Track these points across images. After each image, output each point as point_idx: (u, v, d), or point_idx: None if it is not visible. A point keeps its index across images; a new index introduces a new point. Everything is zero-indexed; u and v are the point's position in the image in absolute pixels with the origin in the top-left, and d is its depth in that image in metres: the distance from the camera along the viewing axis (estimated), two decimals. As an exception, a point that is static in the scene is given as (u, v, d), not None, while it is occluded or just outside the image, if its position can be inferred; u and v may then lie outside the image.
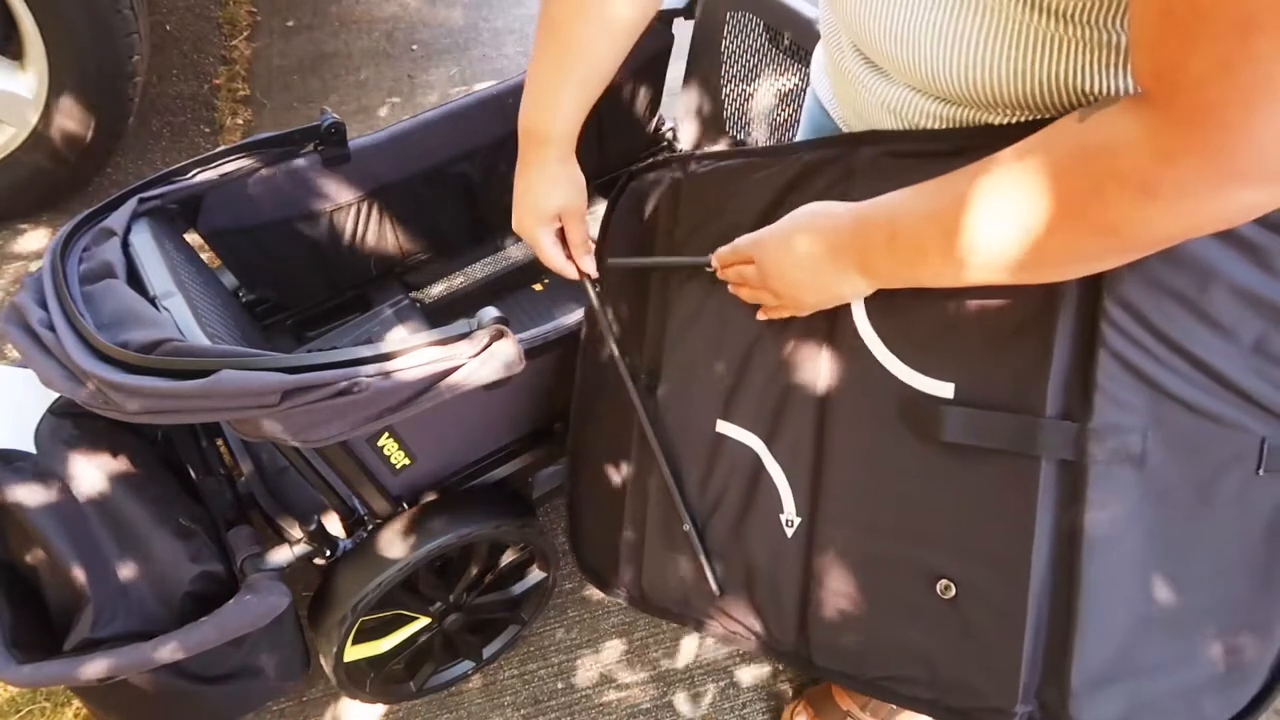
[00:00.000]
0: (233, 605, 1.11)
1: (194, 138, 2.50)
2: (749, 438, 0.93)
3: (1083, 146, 0.56)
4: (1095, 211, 0.56)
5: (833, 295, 0.79)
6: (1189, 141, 0.50)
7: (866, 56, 0.79)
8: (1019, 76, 0.66)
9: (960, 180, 0.64)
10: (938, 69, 0.69)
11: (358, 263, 1.63)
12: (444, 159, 1.61)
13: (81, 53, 1.94)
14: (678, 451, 1.00)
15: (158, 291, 1.10)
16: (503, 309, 1.06)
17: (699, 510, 0.99)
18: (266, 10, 2.97)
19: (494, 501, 1.34)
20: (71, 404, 1.18)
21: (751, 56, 1.69)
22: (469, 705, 1.50)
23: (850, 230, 0.74)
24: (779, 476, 0.91)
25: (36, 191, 2.16)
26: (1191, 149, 0.50)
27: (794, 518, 0.90)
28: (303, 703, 1.49)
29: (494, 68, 2.78)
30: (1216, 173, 0.50)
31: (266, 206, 1.45)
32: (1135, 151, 0.52)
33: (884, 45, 0.73)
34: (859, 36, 0.77)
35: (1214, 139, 0.49)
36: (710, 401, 0.97)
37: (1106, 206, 0.55)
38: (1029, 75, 0.66)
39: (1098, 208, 0.55)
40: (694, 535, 0.98)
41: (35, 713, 1.44)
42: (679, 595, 1.02)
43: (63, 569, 1.09)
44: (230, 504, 1.31)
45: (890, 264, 0.72)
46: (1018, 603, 0.75)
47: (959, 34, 0.66)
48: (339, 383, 0.93)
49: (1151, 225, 0.55)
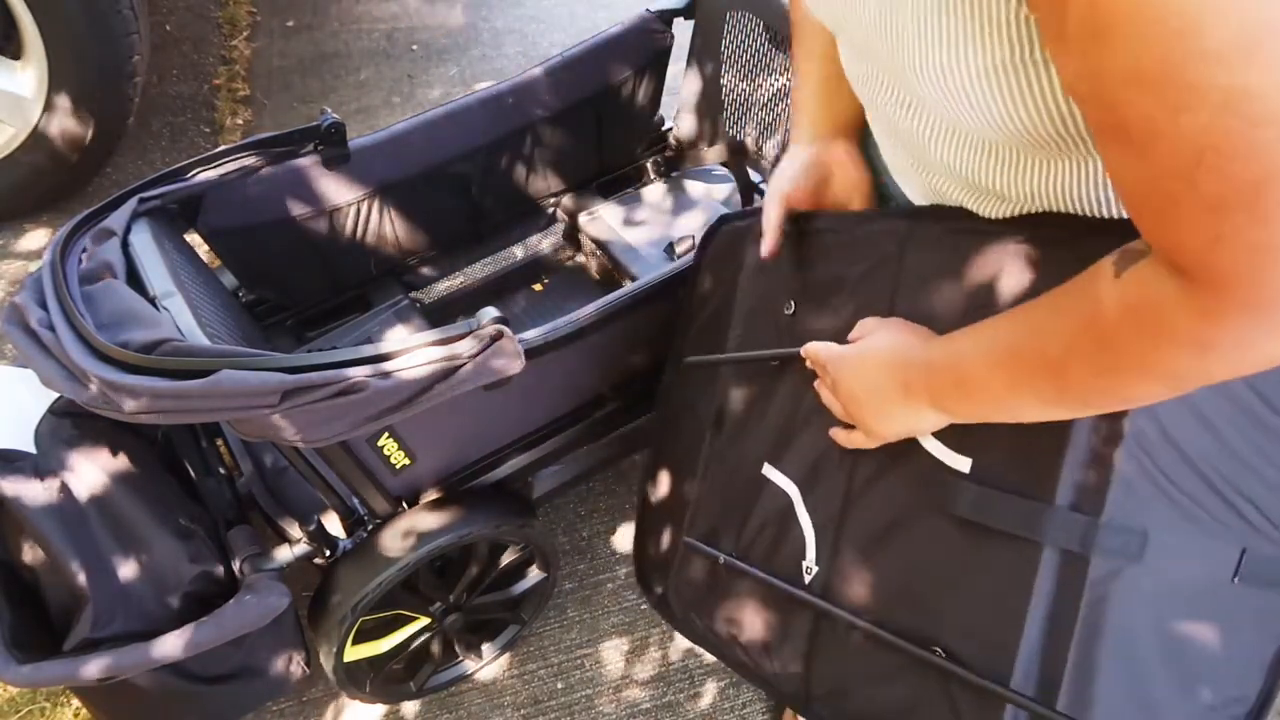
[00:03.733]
0: (233, 605, 1.11)
1: (194, 138, 2.50)
2: (788, 484, 0.96)
3: (1129, 307, 0.55)
4: (1156, 363, 0.56)
5: (908, 428, 0.80)
6: (1227, 302, 0.49)
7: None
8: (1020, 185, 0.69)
9: (1017, 330, 0.65)
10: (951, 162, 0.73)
11: (358, 263, 1.63)
12: (444, 159, 1.61)
13: (81, 53, 1.94)
14: (727, 484, 1.05)
15: (158, 291, 1.10)
16: (503, 309, 1.06)
17: (738, 544, 1.02)
18: (266, 10, 2.97)
19: (494, 501, 1.34)
20: (71, 404, 1.18)
21: (751, 56, 1.69)
22: (469, 705, 1.50)
23: (921, 370, 0.75)
24: (806, 524, 0.94)
25: (36, 191, 2.16)
26: (1232, 307, 0.49)
27: (813, 565, 0.92)
28: (303, 703, 1.49)
29: (494, 68, 2.78)
30: (1265, 321, 0.49)
31: (266, 206, 1.45)
32: (1180, 312, 0.52)
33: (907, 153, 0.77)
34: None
35: (1250, 296, 0.48)
36: (762, 447, 1.01)
37: (1166, 359, 0.55)
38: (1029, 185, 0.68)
39: (1158, 360, 0.55)
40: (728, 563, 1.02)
41: (35, 713, 1.44)
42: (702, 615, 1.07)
43: (63, 569, 1.09)
44: (230, 504, 1.31)
45: (962, 406, 0.73)
46: (1001, 681, 0.76)
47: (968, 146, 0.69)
48: (339, 383, 0.93)
49: (1214, 372, 0.55)
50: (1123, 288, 0.56)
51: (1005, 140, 0.63)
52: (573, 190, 1.85)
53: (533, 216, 1.84)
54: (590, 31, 1.73)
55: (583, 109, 1.72)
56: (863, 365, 0.80)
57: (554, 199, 1.84)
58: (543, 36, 2.90)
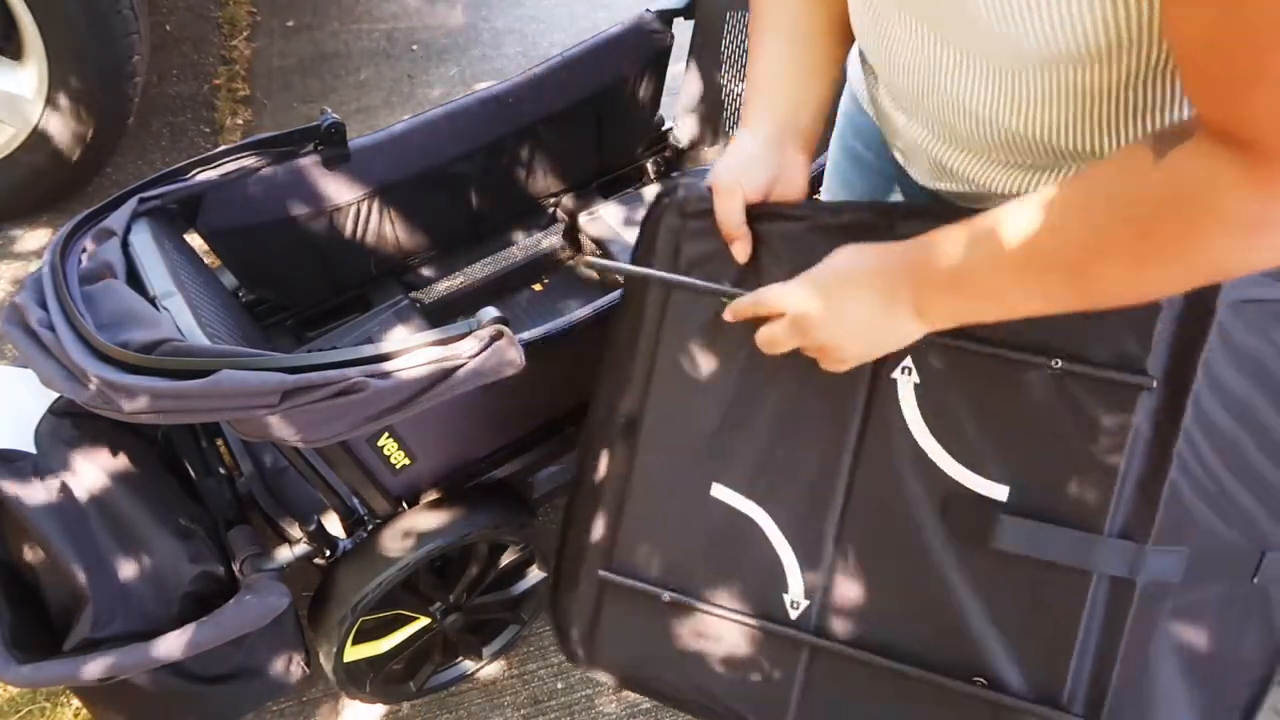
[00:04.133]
0: (232, 605, 1.11)
1: (194, 138, 2.50)
2: (750, 507, 0.87)
3: (1174, 190, 0.54)
4: (1197, 250, 0.54)
5: (881, 344, 0.74)
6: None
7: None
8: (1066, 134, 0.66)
9: (1033, 225, 0.61)
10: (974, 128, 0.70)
11: (358, 263, 1.63)
12: (444, 159, 1.61)
13: (81, 53, 1.94)
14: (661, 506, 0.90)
15: (158, 291, 1.10)
16: (503, 309, 1.06)
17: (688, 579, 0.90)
18: (266, 10, 2.97)
19: (494, 501, 1.34)
20: (71, 404, 1.18)
21: (751, 56, 1.69)
22: (469, 705, 1.50)
23: (902, 271, 0.69)
24: (785, 553, 0.86)
25: (36, 191, 2.16)
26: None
27: (800, 599, 0.85)
28: (303, 703, 1.49)
29: (494, 68, 2.78)
30: None
31: (266, 206, 1.45)
32: (1234, 191, 0.51)
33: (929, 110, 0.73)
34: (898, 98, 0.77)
35: None
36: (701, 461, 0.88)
37: (1211, 244, 0.53)
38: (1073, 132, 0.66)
39: (1201, 246, 0.54)
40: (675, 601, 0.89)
41: (35, 713, 1.44)
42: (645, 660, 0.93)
43: (63, 569, 1.09)
44: (230, 504, 1.31)
45: (951, 303, 0.68)
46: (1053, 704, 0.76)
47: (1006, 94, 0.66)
48: (339, 383, 0.93)
49: (1256, 259, 0.54)
50: (1165, 171, 0.54)
51: (1051, 63, 0.59)
52: (573, 190, 1.85)
53: (533, 216, 1.84)
54: (590, 31, 1.73)
55: (583, 109, 1.72)
56: (826, 288, 0.73)
57: (554, 199, 1.84)
58: (543, 36, 2.90)
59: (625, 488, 0.91)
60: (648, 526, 0.91)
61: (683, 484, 0.89)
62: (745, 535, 0.87)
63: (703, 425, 0.88)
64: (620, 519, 0.92)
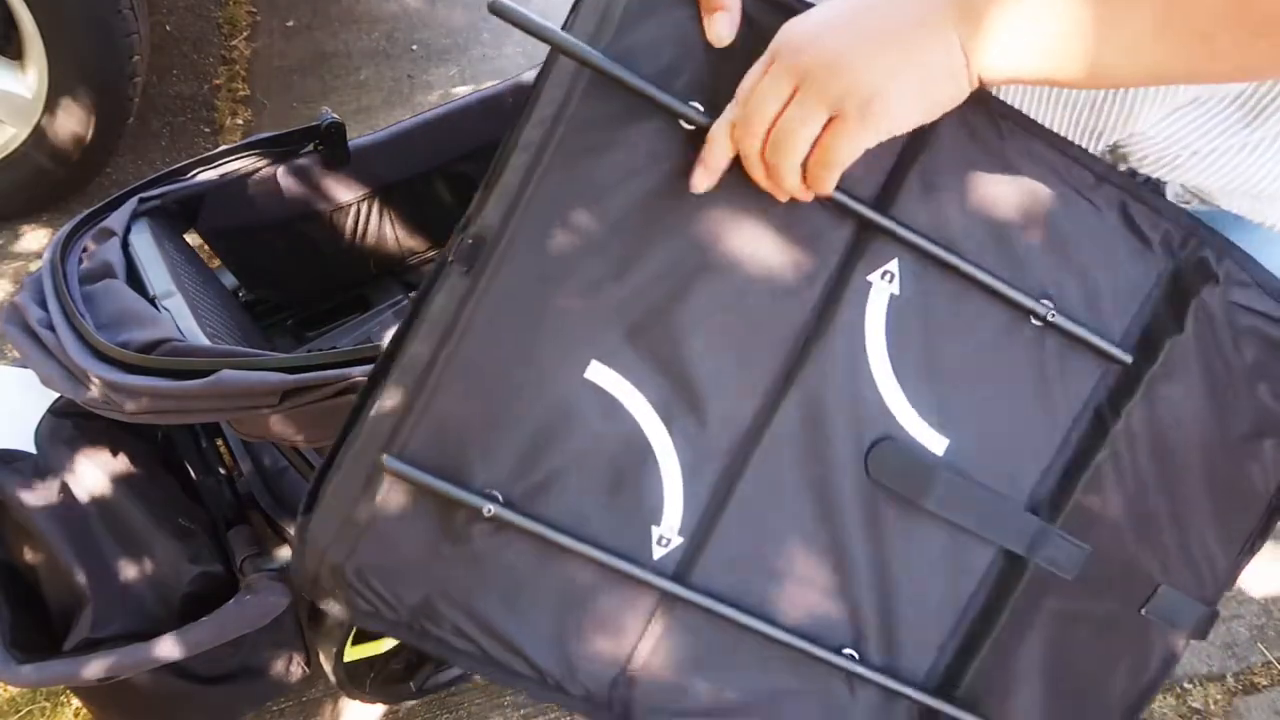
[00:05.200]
0: (232, 605, 1.11)
1: (194, 138, 2.50)
2: (635, 401, 0.64)
3: None
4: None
5: (915, 75, 0.52)
6: None
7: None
8: None
9: None
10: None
11: (358, 263, 1.63)
12: (444, 159, 1.60)
13: (81, 53, 1.94)
14: (497, 382, 0.64)
15: (158, 291, 1.10)
16: (503, 309, 1.06)
17: (517, 486, 0.65)
18: (266, 10, 2.97)
19: (494, 501, 1.34)
20: (71, 404, 1.18)
21: (751, 56, 1.69)
22: (469, 705, 1.50)
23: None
24: (671, 473, 0.65)
25: (36, 191, 2.15)
26: None
27: (671, 536, 0.67)
28: (303, 703, 1.49)
29: (494, 68, 2.78)
30: None
31: (266, 206, 1.45)
32: None
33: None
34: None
35: None
36: (578, 324, 0.63)
37: None
38: None
39: None
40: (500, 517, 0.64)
41: (35, 713, 1.44)
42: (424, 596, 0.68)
43: (63, 569, 1.09)
44: (230, 504, 1.31)
45: (1011, 21, 0.50)
46: (911, 678, 0.73)
47: None
48: (339, 383, 0.93)
49: None
50: None
51: None
52: (573, 190, 1.85)
53: (533, 216, 1.84)
54: (590, 31, 1.73)
55: (583, 109, 1.72)
56: (842, 12, 0.53)
57: (554, 199, 1.84)
58: (543, 36, 2.90)
59: (447, 339, 0.64)
60: (472, 402, 0.64)
61: (543, 351, 0.63)
62: (625, 440, 0.64)
63: (591, 274, 0.61)
64: (431, 385, 0.64)
